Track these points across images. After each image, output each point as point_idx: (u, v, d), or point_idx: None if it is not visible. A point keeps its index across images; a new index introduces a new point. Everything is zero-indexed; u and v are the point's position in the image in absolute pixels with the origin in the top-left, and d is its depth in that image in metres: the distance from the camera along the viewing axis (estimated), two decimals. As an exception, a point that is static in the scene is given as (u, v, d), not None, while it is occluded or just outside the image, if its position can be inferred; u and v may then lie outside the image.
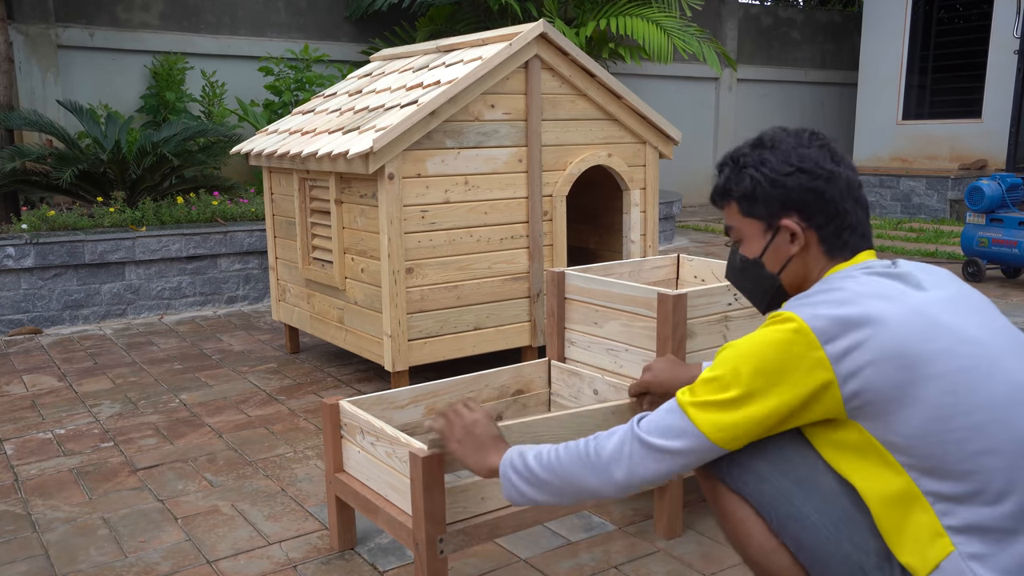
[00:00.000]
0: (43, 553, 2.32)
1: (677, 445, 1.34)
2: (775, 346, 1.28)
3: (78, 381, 3.93)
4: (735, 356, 1.32)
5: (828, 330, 1.25)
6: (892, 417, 1.23)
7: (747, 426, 1.31)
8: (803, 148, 1.42)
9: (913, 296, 1.29)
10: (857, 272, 1.36)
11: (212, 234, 5.36)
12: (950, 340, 1.24)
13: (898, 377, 1.22)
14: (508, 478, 1.53)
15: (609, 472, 1.39)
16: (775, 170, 1.42)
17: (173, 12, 7.50)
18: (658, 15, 7.53)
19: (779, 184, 1.41)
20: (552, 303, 2.64)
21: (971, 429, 1.20)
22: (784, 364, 1.27)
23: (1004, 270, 6.11)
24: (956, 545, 1.21)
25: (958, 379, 1.21)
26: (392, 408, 2.30)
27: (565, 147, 3.67)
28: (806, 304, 1.31)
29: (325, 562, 2.25)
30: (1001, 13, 9.40)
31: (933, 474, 1.22)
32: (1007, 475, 1.20)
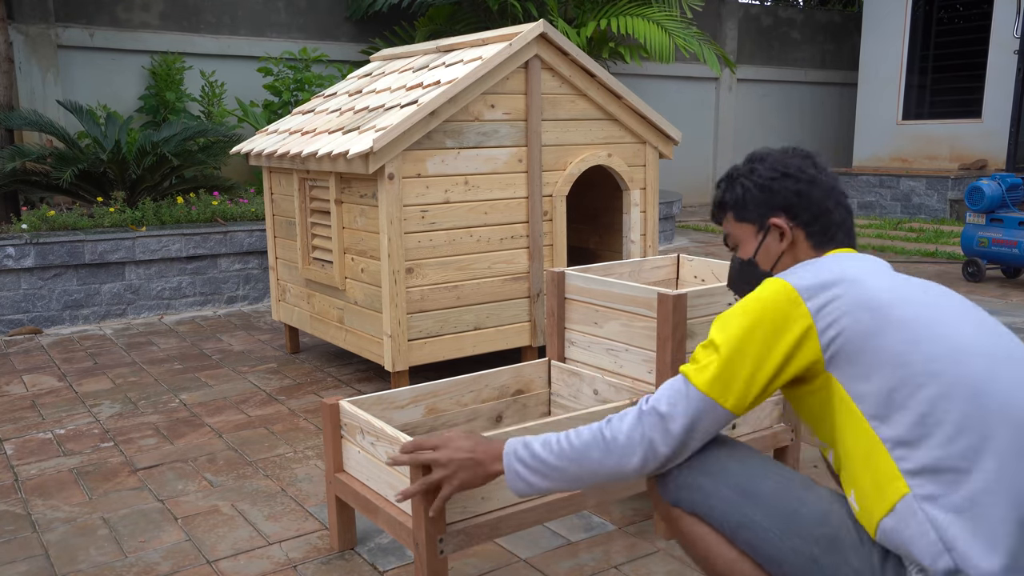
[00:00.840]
0: (43, 553, 2.32)
1: (683, 409, 1.42)
2: (761, 303, 1.40)
3: (78, 381, 3.93)
4: (726, 318, 1.44)
5: (809, 288, 1.38)
6: (858, 363, 1.33)
7: (743, 378, 1.40)
8: (788, 158, 1.58)
9: (886, 275, 1.43)
10: (842, 255, 1.50)
11: (212, 234, 5.36)
12: (916, 301, 1.37)
13: (868, 323, 1.34)
14: (514, 470, 1.55)
15: (629, 453, 1.45)
16: (763, 176, 1.57)
17: (173, 12, 7.51)
18: (659, 15, 7.53)
19: (766, 188, 1.56)
20: (552, 303, 2.64)
21: (927, 375, 1.28)
22: (770, 317, 1.38)
23: (1004, 270, 6.11)
24: (911, 487, 1.26)
25: (921, 330, 1.32)
26: (392, 408, 2.30)
27: (565, 147, 3.67)
28: (789, 273, 1.45)
29: (325, 562, 2.25)
30: (1001, 13, 9.39)
31: (890, 420, 1.30)
32: (959, 417, 1.26)
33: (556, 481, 1.52)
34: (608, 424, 1.48)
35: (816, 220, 1.54)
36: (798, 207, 1.55)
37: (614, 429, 1.47)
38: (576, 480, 1.51)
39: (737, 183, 1.61)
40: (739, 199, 1.60)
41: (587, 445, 1.48)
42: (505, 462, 1.57)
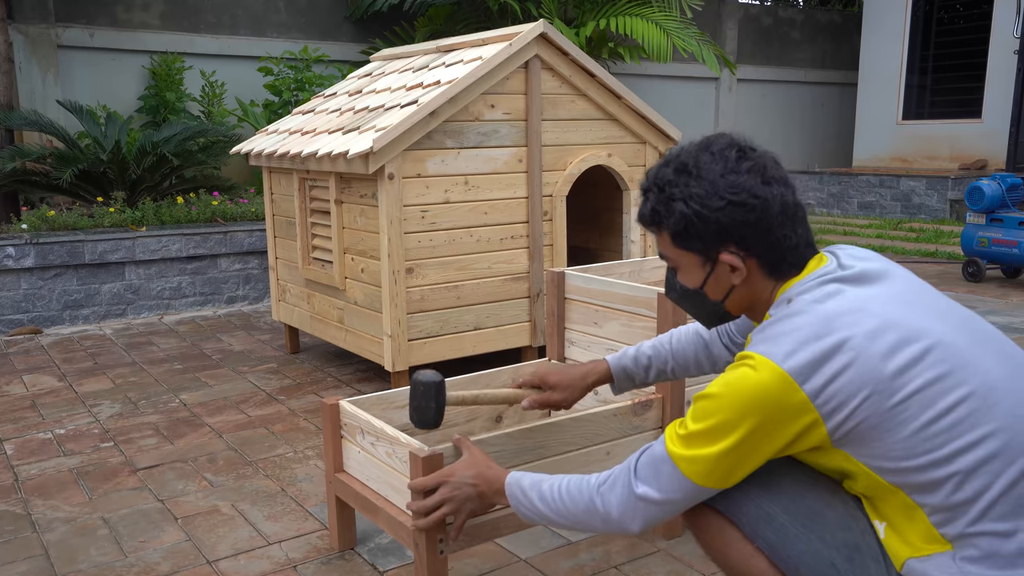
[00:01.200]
0: (43, 553, 2.32)
1: (676, 497, 1.37)
2: (754, 395, 1.26)
3: (78, 381, 3.93)
4: (717, 408, 1.30)
5: (803, 370, 1.24)
6: (877, 443, 1.25)
7: (738, 471, 1.33)
8: (731, 175, 1.35)
9: (867, 297, 1.29)
10: (812, 284, 1.34)
11: (212, 234, 5.36)
12: (919, 348, 1.24)
13: (879, 403, 1.22)
14: (518, 509, 1.61)
15: (624, 525, 1.43)
16: (706, 205, 1.35)
17: (173, 12, 7.50)
18: (658, 15, 7.53)
19: (711, 220, 1.35)
20: (552, 303, 2.64)
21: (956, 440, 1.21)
22: (766, 412, 1.26)
23: (1004, 270, 6.11)
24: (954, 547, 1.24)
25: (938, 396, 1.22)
26: (392, 408, 2.30)
27: (565, 147, 3.67)
28: (773, 340, 1.29)
29: (325, 562, 2.25)
30: (1001, 13, 9.39)
31: (924, 489, 1.24)
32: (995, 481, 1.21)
33: (556, 524, 1.55)
34: (599, 495, 1.45)
35: (771, 248, 1.37)
36: (750, 239, 1.36)
37: (607, 503, 1.44)
38: (570, 528, 1.54)
39: (675, 207, 1.38)
40: (679, 228, 1.39)
41: (583, 512, 1.48)
42: (509, 498, 1.62)
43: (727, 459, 1.31)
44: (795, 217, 1.37)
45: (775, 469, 1.39)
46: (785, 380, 1.24)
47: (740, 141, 1.40)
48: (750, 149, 1.39)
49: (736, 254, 1.38)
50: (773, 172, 1.37)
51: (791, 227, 1.36)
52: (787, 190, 1.37)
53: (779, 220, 1.35)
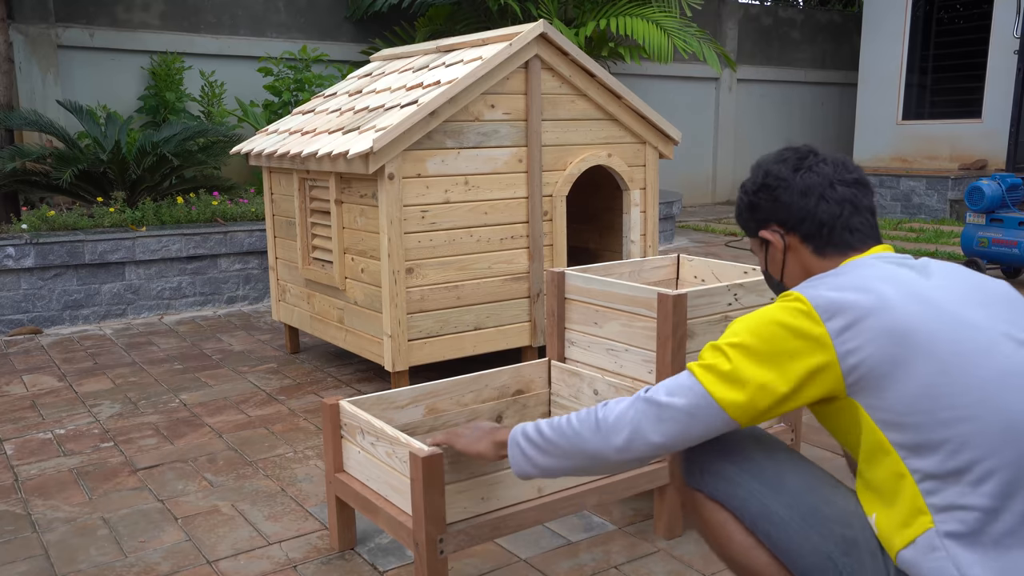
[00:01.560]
0: (43, 553, 2.32)
1: (682, 402, 1.38)
2: (779, 321, 1.34)
3: (78, 381, 3.93)
4: (743, 328, 1.38)
5: (829, 307, 1.31)
6: (886, 392, 1.27)
7: (751, 393, 1.34)
8: (770, 165, 1.54)
9: (920, 282, 1.34)
10: (870, 260, 1.42)
11: (212, 234, 5.36)
12: (948, 322, 1.28)
13: (893, 352, 1.27)
14: (517, 444, 1.57)
15: (615, 433, 1.43)
16: (747, 191, 1.57)
17: (173, 12, 7.50)
18: (658, 15, 7.53)
19: (751, 204, 1.56)
20: (552, 303, 2.64)
21: (960, 408, 1.23)
22: (787, 338, 1.33)
23: (1004, 270, 6.11)
24: (936, 522, 1.24)
25: (952, 360, 1.25)
26: (392, 408, 2.30)
27: (565, 147, 3.67)
28: (812, 285, 1.39)
29: (325, 562, 2.25)
30: (1001, 13, 9.39)
31: (920, 451, 1.25)
32: (990, 454, 1.22)
33: (552, 457, 1.52)
34: (604, 405, 1.48)
35: (802, 223, 1.49)
36: (783, 214, 1.51)
37: (608, 409, 1.46)
38: (566, 457, 1.50)
39: (738, 198, 1.62)
40: (738, 215, 1.61)
41: (581, 422, 1.48)
42: (510, 436, 1.60)
43: (743, 370, 1.34)
44: (823, 196, 1.47)
45: (780, 467, 1.44)
46: (809, 311, 1.32)
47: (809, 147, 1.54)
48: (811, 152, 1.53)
49: (776, 231, 1.53)
50: (810, 163, 1.51)
51: (819, 204, 1.47)
52: (814, 176, 1.49)
53: (803, 198, 1.48)
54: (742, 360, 1.35)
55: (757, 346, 1.34)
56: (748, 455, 1.47)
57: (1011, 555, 1.20)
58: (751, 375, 1.34)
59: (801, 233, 1.50)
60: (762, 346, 1.34)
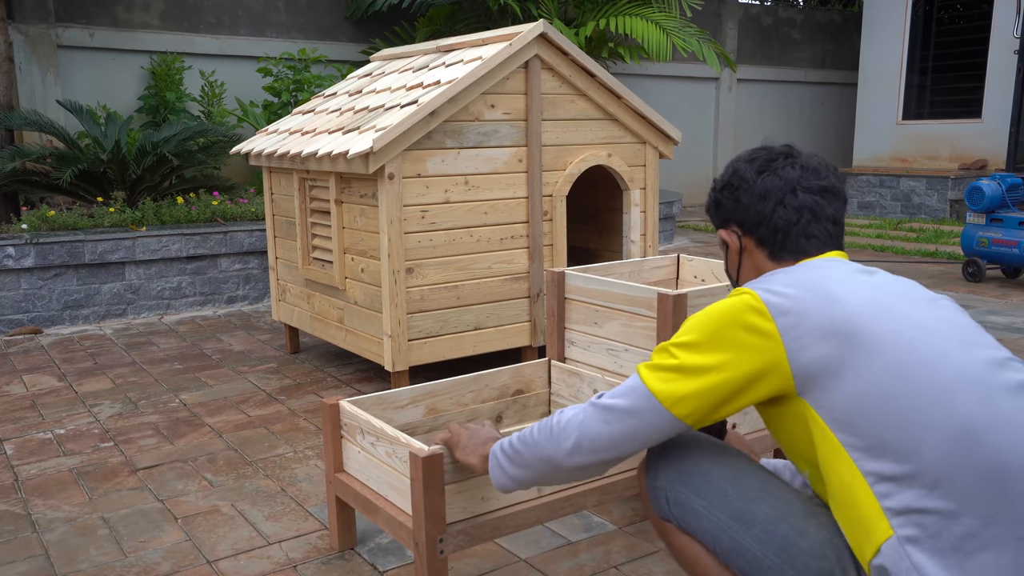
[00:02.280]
0: (43, 553, 2.32)
1: (625, 403, 1.37)
2: (728, 316, 1.33)
3: (78, 381, 3.93)
4: (692, 325, 1.37)
5: (780, 304, 1.30)
6: (836, 391, 1.25)
7: (696, 390, 1.33)
8: (739, 163, 1.53)
9: (871, 284, 1.33)
10: (822, 261, 1.42)
11: (212, 234, 5.36)
12: (900, 323, 1.27)
13: (844, 351, 1.25)
14: (495, 456, 1.59)
15: (565, 438, 1.43)
16: (715, 188, 1.57)
17: (173, 12, 7.51)
18: (658, 15, 7.53)
19: (716, 201, 1.57)
20: (552, 303, 2.64)
21: (912, 410, 1.21)
22: (736, 334, 1.31)
23: (1004, 270, 6.11)
24: (894, 528, 1.20)
25: (903, 359, 1.24)
26: (392, 408, 2.30)
27: (565, 147, 3.67)
28: (762, 280, 1.39)
29: (325, 562, 2.25)
30: (1001, 13, 9.39)
31: (873, 453, 1.23)
32: (945, 457, 1.19)
33: (519, 467, 1.53)
34: (561, 412, 1.48)
35: (757, 227, 1.48)
36: (740, 216, 1.51)
37: (562, 415, 1.46)
38: (529, 467, 1.51)
39: (708, 193, 1.62)
40: (707, 210, 1.61)
41: (540, 430, 1.49)
42: (491, 453, 1.61)
43: (687, 371, 1.33)
44: (782, 202, 1.45)
45: (749, 497, 1.39)
46: (760, 308, 1.30)
47: (783, 149, 1.52)
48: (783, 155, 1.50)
49: (735, 231, 1.53)
50: (777, 166, 1.48)
51: (776, 209, 1.45)
52: (778, 179, 1.47)
53: (761, 202, 1.47)
54: (689, 356, 1.33)
55: (705, 342, 1.33)
56: (715, 485, 1.42)
57: (974, 560, 1.16)
58: (697, 373, 1.32)
59: (756, 236, 1.50)
60: (710, 342, 1.32)
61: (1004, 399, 1.23)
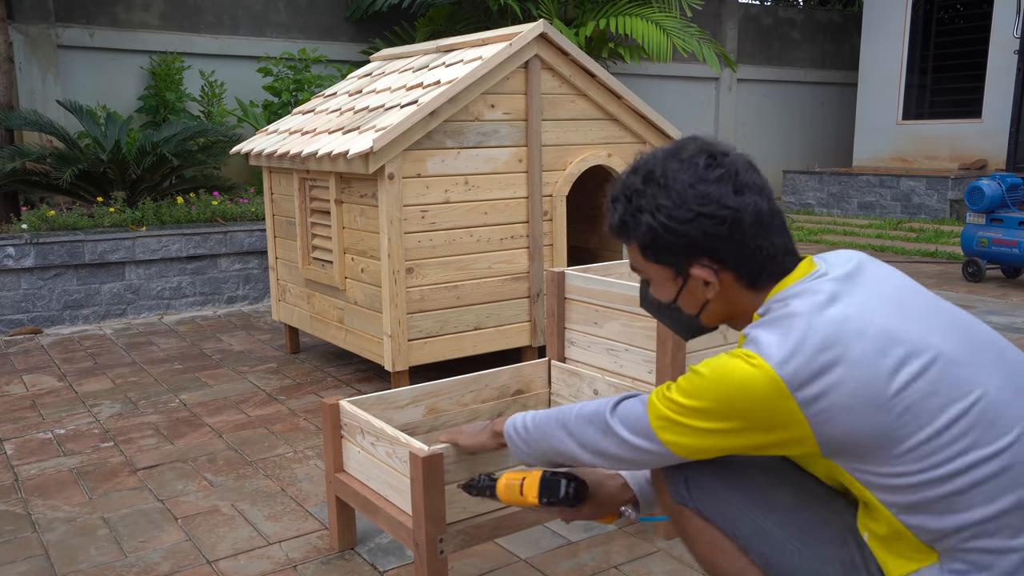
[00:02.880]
0: (43, 553, 2.32)
1: (641, 444, 1.34)
2: (744, 395, 1.20)
3: (78, 381, 3.93)
4: (699, 388, 1.25)
5: (796, 376, 1.17)
6: (869, 459, 1.19)
7: (712, 446, 1.28)
8: (702, 184, 1.28)
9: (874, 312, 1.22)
10: (808, 286, 1.27)
11: (212, 234, 5.36)
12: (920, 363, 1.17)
13: (873, 418, 1.16)
14: (509, 435, 1.61)
15: (580, 434, 1.43)
16: (673, 217, 1.29)
17: (173, 12, 7.51)
18: (658, 15, 7.53)
19: (681, 233, 1.29)
20: (552, 303, 2.64)
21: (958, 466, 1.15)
22: (753, 415, 1.21)
23: (1004, 270, 6.11)
24: (941, 559, 1.19)
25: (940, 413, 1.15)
26: (392, 408, 2.30)
27: (565, 147, 3.67)
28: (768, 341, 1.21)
29: (325, 562, 2.25)
30: (1001, 13, 9.40)
31: (915, 512, 1.18)
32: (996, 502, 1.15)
33: (531, 447, 1.55)
34: (578, 406, 1.47)
35: (747, 261, 1.30)
36: (723, 251, 1.29)
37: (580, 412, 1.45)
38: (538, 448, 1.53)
39: (642, 219, 1.32)
40: (647, 239, 1.33)
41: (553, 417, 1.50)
42: (505, 427, 1.63)
43: (702, 442, 1.27)
44: (771, 226, 1.30)
45: (771, 482, 1.37)
46: (778, 387, 1.18)
47: (711, 146, 1.33)
48: (721, 154, 1.31)
49: (709, 267, 1.31)
50: (746, 179, 1.29)
51: (766, 237, 1.29)
52: (761, 198, 1.29)
53: (753, 231, 1.28)
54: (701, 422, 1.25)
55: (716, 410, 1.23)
56: (739, 471, 1.38)
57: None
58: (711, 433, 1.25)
59: (740, 271, 1.31)
60: (722, 411, 1.22)
61: None
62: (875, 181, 9.72)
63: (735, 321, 1.40)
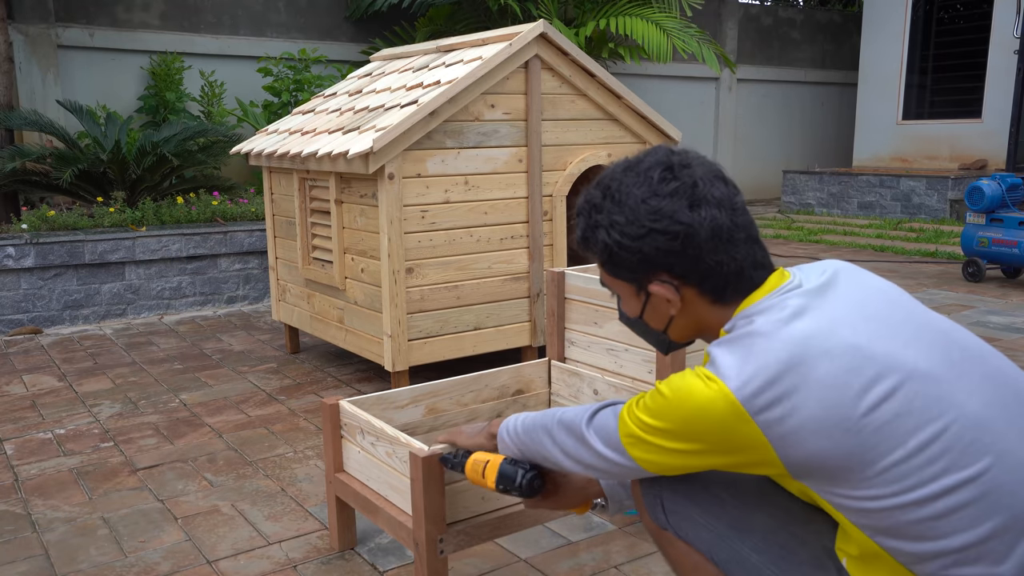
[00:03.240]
0: (43, 553, 2.32)
1: (613, 457, 1.32)
2: (701, 418, 1.17)
3: (78, 381, 3.93)
4: (667, 413, 1.21)
5: (754, 396, 1.13)
6: (838, 484, 1.15)
7: (680, 464, 1.26)
8: (654, 199, 1.24)
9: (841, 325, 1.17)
10: (775, 301, 1.22)
11: (212, 234, 5.36)
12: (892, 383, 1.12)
13: (840, 441, 1.12)
14: (500, 436, 1.60)
15: (562, 442, 1.42)
16: (626, 234, 1.26)
17: (173, 12, 7.51)
18: (658, 15, 7.53)
19: (635, 250, 1.26)
20: (552, 303, 2.64)
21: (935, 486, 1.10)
22: (712, 438, 1.18)
23: (1004, 270, 6.11)
24: None
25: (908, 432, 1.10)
26: (392, 408, 2.30)
27: (565, 147, 3.67)
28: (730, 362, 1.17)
29: (325, 562, 2.25)
30: (1001, 13, 9.40)
31: (893, 535, 1.14)
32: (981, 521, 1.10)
33: (519, 447, 1.54)
34: (560, 412, 1.46)
35: (708, 276, 1.26)
36: (679, 267, 1.26)
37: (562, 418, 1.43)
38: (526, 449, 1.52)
39: (598, 236, 1.30)
40: (604, 255, 1.31)
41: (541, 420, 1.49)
42: (499, 430, 1.61)
43: (670, 460, 1.24)
44: (731, 240, 1.25)
45: (747, 503, 1.35)
46: (736, 410, 1.14)
47: (672, 156, 1.29)
48: (681, 166, 1.27)
49: (669, 283, 1.28)
50: (704, 192, 1.25)
51: (727, 251, 1.25)
52: (720, 212, 1.24)
53: (710, 246, 1.24)
54: (666, 442, 1.22)
55: (680, 432, 1.20)
56: (712, 492, 1.37)
57: None
58: (677, 453, 1.23)
59: (703, 286, 1.27)
60: (685, 433, 1.20)
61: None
62: (875, 181, 9.72)
63: (705, 335, 1.36)
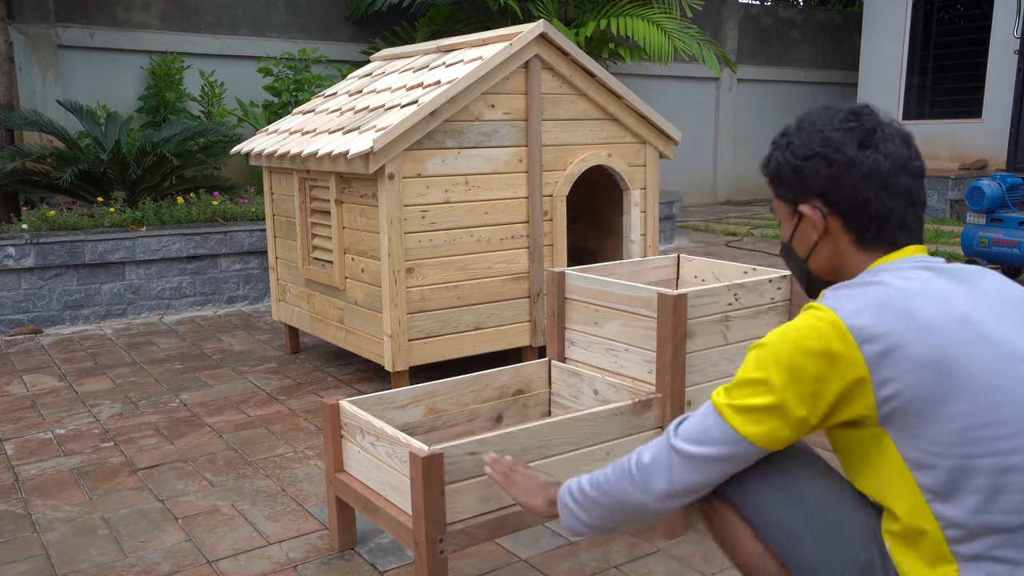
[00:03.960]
0: (43, 553, 2.32)
1: (717, 451, 1.32)
2: (810, 346, 1.23)
3: (78, 381, 3.93)
4: (771, 357, 1.27)
5: (864, 329, 1.20)
6: (921, 429, 1.18)
7: (788, 427, 1.27)
8: (830, 130, 1.35)
9: (959, 298, 1.24)
10: (904, 265, 1.31)
11: (212, 234, 5.36)
12: (992, 352, 1.19)
13: (933, 387, 1.17)
14: (565, 504, 1.53)
15: (650, 484, 1.38)
16: (796, 154, 1.38)
17: (173, 12, 7.50)
18: (658, 16, 7.53)
19: (798, 169, 1.37)
20: (552, 303, 2.64)
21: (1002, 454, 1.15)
22: (818, 364, 1.23)
23: (1004, 270, 6.10)
24: (961, 572, 1.18)
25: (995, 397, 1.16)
26: (392, 408, 2.30)
27: (565, 147, 3.67)
28: (845, 297, 1.26)
29: (325, 562, 2.25)
30: (1001, 13, 9.39)
31: (950, 499, 1.18)
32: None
33: (596, 515, 1.47)
34: (636, 452, 1.42)
35: (853, 210, 1.33)
36: (832, 194, 1.34)
37: (640, 458, 1.40)
38: (609, 512, 1.45)
39: (775, 154, 1.43)
40: (773, 174, 1.43)
41: (616, 476, 1.43)
42: (559, 495, 1.55)
43: (776, 411, 1.26)
44: (887, 187, 1.32)
45: (801, 477, 1.37)
46: (844, 336, 1.21)
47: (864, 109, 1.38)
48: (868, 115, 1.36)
49: (819, 209, 1.37)
50: (878, 140, 1.33)
51: (878, 195, 1.32)
52: (886, 160, 1.32)
53: (864, 183, 1.32)
54: (774, 399, 1.26)
55: (786, 381, 1.25)
56: (771, 461, 1.38)
57: None
58: (784, 413, 1.26)
59: (848, 220, 1.35)
60: (791, 381, 1.24)
61: None
62: (875, 181, 9.72)
63: (840, 277, 1.41)
